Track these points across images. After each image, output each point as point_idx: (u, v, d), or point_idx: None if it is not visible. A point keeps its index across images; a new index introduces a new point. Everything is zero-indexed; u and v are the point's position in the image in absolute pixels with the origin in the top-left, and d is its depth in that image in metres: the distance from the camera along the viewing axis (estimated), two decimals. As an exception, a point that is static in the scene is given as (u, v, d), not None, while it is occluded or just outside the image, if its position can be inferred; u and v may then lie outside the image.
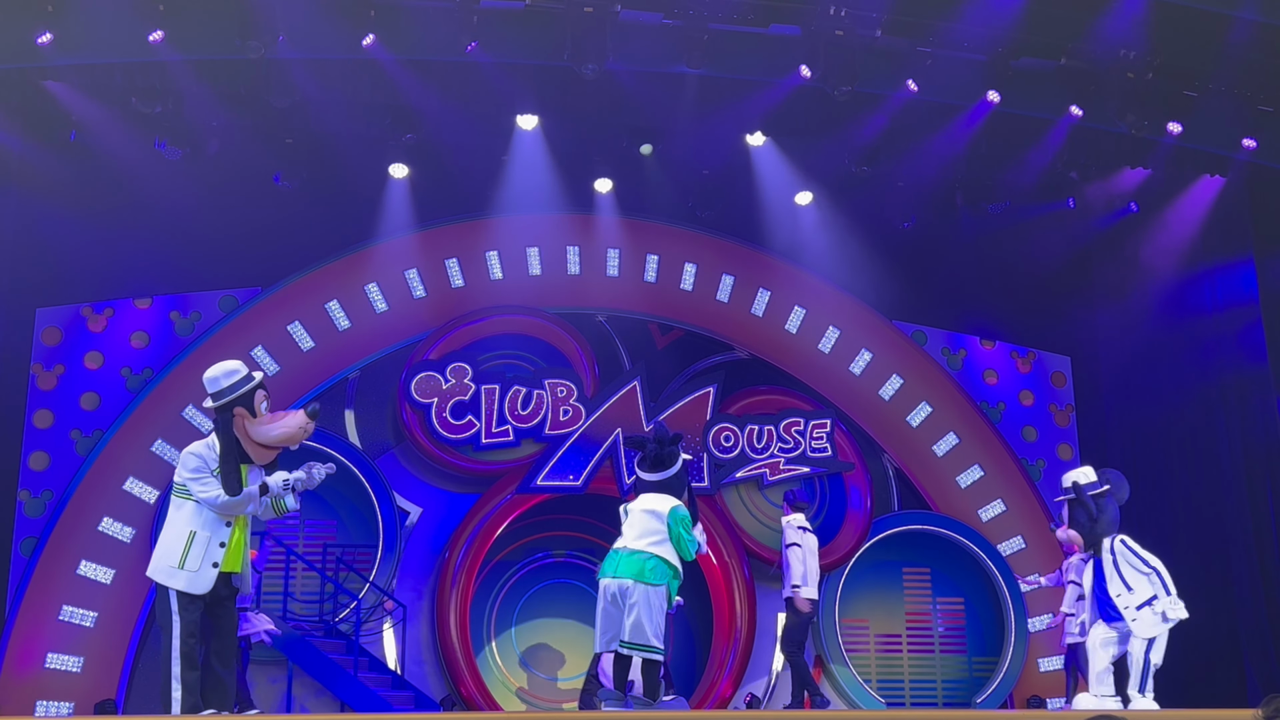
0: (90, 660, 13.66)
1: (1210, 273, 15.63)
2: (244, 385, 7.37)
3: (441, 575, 14.75)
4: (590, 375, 15.55)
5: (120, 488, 14.09)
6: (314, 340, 15.06)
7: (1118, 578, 9.62)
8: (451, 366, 15.15)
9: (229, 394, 7.37)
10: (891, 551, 16.05)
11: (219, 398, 7.35)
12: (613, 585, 8.76)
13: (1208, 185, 15.20)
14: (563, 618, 15.49)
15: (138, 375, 14.65)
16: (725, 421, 15.74)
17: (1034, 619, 15.89)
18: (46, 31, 11.98)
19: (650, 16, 12.96)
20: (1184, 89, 13.87)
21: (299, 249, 15.08)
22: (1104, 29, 12.84)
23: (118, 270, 14.55)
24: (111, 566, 13.89)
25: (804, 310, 16.31)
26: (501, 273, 15.74)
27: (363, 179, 14.92)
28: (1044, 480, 16.70)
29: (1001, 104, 13.63)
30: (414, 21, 12.62)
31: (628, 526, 8.99)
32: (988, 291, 16.64)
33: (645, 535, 8.87)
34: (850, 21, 12.78)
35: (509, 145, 14.75)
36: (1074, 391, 17.21)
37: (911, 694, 15.92)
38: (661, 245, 16.06)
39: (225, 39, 12.27)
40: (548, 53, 13.01)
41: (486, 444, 15.11)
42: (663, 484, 9.12)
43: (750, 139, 14.97)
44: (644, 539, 8.85)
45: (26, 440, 14.24)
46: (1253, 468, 14.96)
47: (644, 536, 8.86)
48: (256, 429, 7.36)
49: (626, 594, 8.71)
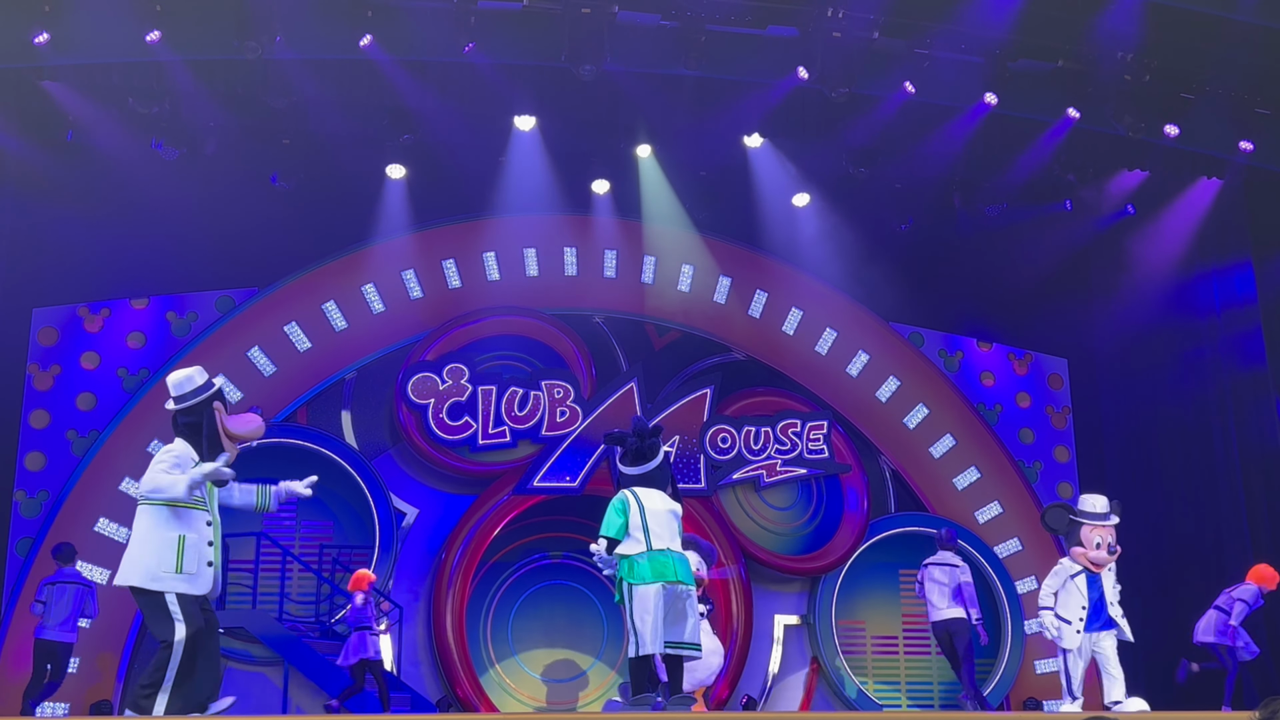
0: (86, 661, 13.64)
1: (1207, 275, 15.64)
2: (213, 385, 7.71)
3: (438, 576, 14.75)
4: (587, 376, 15.55)
5: (116, 488, 14.06)
6: (311, 341, 15.05)
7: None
8: (448, 367, 15.14)
9: (205, 391, 7.64)
10: (888, 553, 16.04)
11: (196, 394, 7.62)
12: (679, 589, 8.53)
13: (1205, 187, 15.20)
14: (559, 619, 15.48)
15: (134, 376, 14.64)
16: (722, 423, 15.74)
17: (1030, 621, 15.89)
18: (43, 31, 11.98)
19: (648, 18, 12.96)
20: (1181, 91, 13.88)
21: (296, 249, 15.08)
22: (1101, 31, 12.85)
23: (114, 270, 14.54)
24: (107, 567, 13.83)
25: (801, 312, 16.31)
26: (499, 273, 15.73)
27: (360, 179, 14.91)
28: (1040, 482, 16.72)
29: (999, 106, 13.63)
30: (411, 22, 12.61)
31: (659, 527, 8.58)
32: (985, 293, 16.64)
33: (677, 537, 8.71)
34: (848, 23, 12.79)
35: (506, 146, 14.74)
36: (1071, 394, 17.22)
37: (908, 696, 15.92)
38: (659, 247, 16.05)
39: (223, 39, 12.27)
40: (545, 53, 13.01)
41: (483, 445, 15.11)
42: (647, 477, 8.85)
43: (748, 140, 14.96)
44: (677, 540, 8.69)
45: (23, 440, 14.24)
46: (1249, 470, 14.96)
47: (676, 538, 8.68)
48: (230, 421, 7.67)
49: (686, 596, 8.60)
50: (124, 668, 13.84)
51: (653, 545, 8.49)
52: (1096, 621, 9.86)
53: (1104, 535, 9.88)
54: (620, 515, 8.63)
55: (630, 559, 8.51)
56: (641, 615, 8.36)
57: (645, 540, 8.50)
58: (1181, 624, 13.22)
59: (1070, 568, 9.93)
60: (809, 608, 15.74)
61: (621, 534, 8.58)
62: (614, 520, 8.59)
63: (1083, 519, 9.95)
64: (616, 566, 8.63)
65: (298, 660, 13.50)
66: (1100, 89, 13.59)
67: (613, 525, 8.58)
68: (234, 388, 14.67)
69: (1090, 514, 9.94)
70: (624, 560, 8.53)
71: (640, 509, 8.60)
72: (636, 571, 8.45)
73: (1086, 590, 9.85)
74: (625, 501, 8.66)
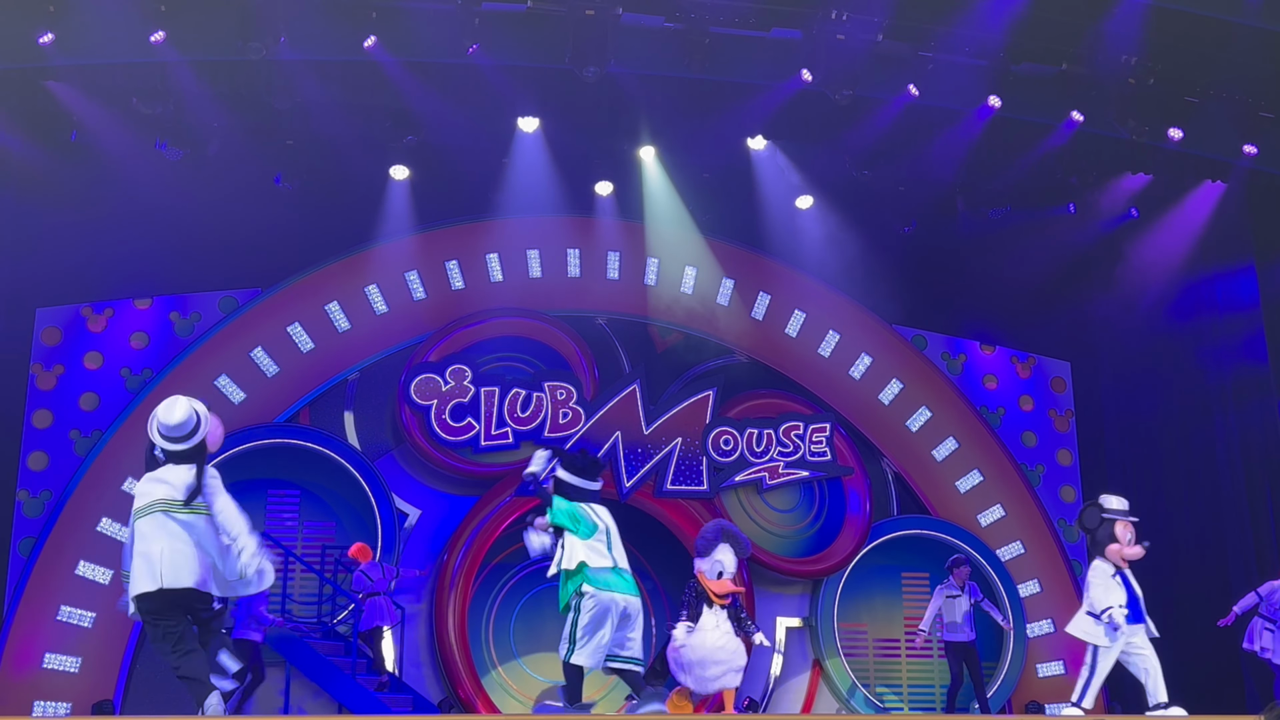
0: (88, 661, 13.65)
1: (1210, 279, 15.63)
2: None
3: (440, 578, 14.74)
4: (590, 378, 15.55)
5: (119, 488, 14.02)
6: (314, 342, 15.06)
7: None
8: (451, 369, 15.15)
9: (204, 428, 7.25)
10: (890, 556, 16.04)
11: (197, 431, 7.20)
12: (634, 603, 8.50)
13: (1208, 191, 15.19)
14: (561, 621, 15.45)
15: (137, 376, 14.65)
16: (725, 425, 15.74)
17: (1032, 624, 15.89)
18: (48, 31, 12.00)
19: (652, 20, 12.96)
20: (1185, 95, 13.88)
21: (299, 250, 15.09)
22: (1105, 35, 12.85)
23: (118, 270, 14.55)
24: (110, 567, 13.86)
25: (804, 314, 16.31)
26: (502, 275, 15.74)
27: (363, 181, 14.91)
28: (1043, 485, 16.71)
29: (1002, 109, 13.64)
30: (415, 23, 12.62)
31: (614, 545, 8.54)
32: (988, 296, 16.63)
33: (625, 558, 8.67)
34: (851, 26, 12.79)
35: (510, 148, 14.74)
36: (1074, 397, 17.22)
37: (910, 698, 15.91)
38: (662, 248, 16.05)
39: (226, 40, 12.28)
40: (549, 55, 13.01)
41: (486, 446, 15.11)
42: (594, 495, 8.75)
43: (751, 142, 14.95)
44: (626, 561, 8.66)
45: (25, 440, 14.24)
46: (1252, 473, 14.96)
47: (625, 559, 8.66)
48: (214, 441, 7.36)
49: (638, 613, 8.57)
50: (126, 667, 13.84)
51: (618, 564, 8.50)
52: (1133, 618, 9.79)
53: (1131, 530, 9.93)
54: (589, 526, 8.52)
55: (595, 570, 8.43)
56: (595, 627, 8.36)
57: (611, 556, 8.48)
58: (1184, 627, 13.21)
59: (1107, 568, 9.87)
60: (811, 610, 15.74)
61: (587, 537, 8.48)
62: (583, 524, 8.49)
63: (1115, 515, 9.95)
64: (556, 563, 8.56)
65: (299, 661, 13.50)
66: (1104, 92, 13.59)
67: (582, 528, 8.48)
68: (237, 388, 14.71)
69: (1119, 511, 9.97)
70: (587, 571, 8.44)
71: (606, 528, 8.55)
72: (602, 583, 8.40)
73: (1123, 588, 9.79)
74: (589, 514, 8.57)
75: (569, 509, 8.55)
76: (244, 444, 14.40)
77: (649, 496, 15.44)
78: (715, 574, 10.31)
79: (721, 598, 10.26)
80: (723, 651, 10.07)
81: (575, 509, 8.56)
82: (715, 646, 10.07)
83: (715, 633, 10.11)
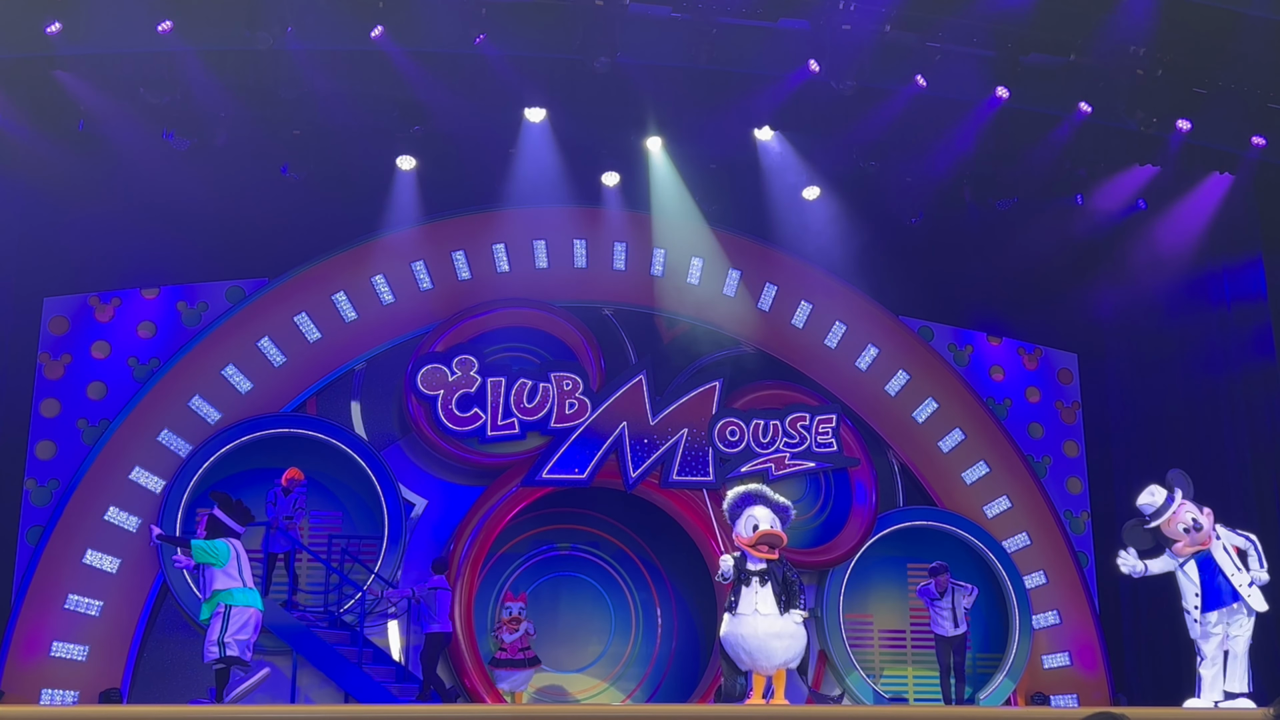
0: (95, 649, 13.71)
1: (1218, 270, 15.60)
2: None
3: (447, 567, 14.75)
4: (596, 369, 15.55)
5: (127, 477, 14.12)
6: (320, 331, 15.08)
7: None
8: (458, 359, 15.16)
9: None
10: (896, 547, 16.05)
11: None
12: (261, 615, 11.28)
13: (1216, 183, 15.15)
14: (567, 610, 15.51)
15: (145, 365, 14.68)
16: (731, 416, 15.73)
17: (1038, 615, 15.89)
18: (55, 21, 12.00)
19: (659, 10, 12.95)
20: (1193, 86, 13.83)
21: (306, 240, 15.11)
22: (1114, 26, 12.81)
23: (125, 260, 14.58)
24: (117, 556, 13.92)
25: (811, 305, 16.31)
26: (508, 265, 15.74)
27: (370, 171, 14.92)
28: (1049, 477, 16.70)
29: (1010, 100, 13.60)
30: (422, 13, 12.62)
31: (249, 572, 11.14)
32: (995, 288, 16.60)
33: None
34: (859, 16, 12.76)
35: (517, 138, 14.73)
36: (1080, 388, 17.20)
37: (915, 689, 15.92)
38: (669, 239, 16.04)
39: (234, 30, 12.27)
40: (556, 46, 13.01)
41: (492, 437, 15.13)
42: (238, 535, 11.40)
43: (758, 133, 14.91)
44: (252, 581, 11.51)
45: (33, 429, 14.28)
46: (1259, 465, 14.93)
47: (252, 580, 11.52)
48: None
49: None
50: (133, 655, 13.89)
51: (246, 584, 11.00)
52: (1218, 603, 9.66)
53: (1183, 516, 9.75)
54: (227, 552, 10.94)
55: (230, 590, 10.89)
56: (237, 631, 10.81)
57: (241, 579, 10.93)
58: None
59: (1171, 562, 9.81)
60: (817, 601, 15.74)
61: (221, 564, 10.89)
62: (221, 553, 10.91)
63: (1156, 515, 9.85)
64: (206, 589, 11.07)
65: (306, 650, 13.54)
66: (1112, 84, 13.56)
67: (221, 556, 10.90)
68: (244, 377, 14.73)
69: (1158, 510, 9.85)
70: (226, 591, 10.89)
71: (238, 556, 10.99)
72: (238, 598, 10.90)
73: (1198, 576, 9.69)
74: (229, 547, 10.96)
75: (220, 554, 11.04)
76: (251, 434, 14.45)
77: (655, 487, 15.46)
78: (750, 529, 10.05)
79: (756, 547, 9.96)
80: (754, 639, 9.82)
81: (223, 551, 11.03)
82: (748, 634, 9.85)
83: (751, 619, 9.86)
